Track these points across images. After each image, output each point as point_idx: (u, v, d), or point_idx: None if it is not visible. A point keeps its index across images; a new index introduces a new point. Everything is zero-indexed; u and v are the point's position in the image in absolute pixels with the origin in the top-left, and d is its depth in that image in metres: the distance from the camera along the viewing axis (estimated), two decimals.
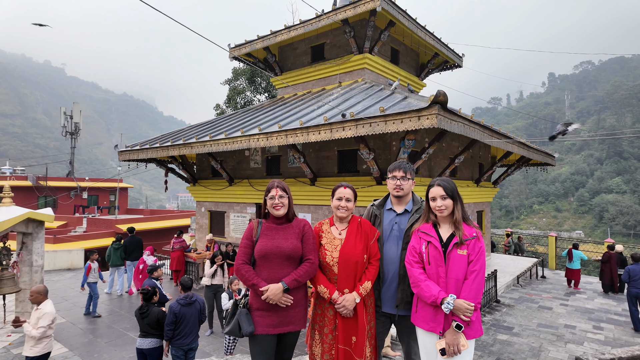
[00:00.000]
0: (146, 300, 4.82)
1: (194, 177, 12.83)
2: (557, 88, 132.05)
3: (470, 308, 2.15)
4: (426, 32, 11.48)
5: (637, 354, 4.26)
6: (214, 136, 9.52)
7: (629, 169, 73.53)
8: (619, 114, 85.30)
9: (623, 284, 11.06)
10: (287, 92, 12.90)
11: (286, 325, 2.58)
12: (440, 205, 2.33)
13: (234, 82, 21.75)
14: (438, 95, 5.95)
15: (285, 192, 2.70)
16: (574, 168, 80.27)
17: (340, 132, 7.11)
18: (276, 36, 11.63)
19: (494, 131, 8.07)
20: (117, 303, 9.46)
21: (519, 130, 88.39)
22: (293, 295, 2.59)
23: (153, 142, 11.62)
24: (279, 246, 2.58)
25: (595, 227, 65.41)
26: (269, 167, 10.83)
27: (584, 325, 7.86)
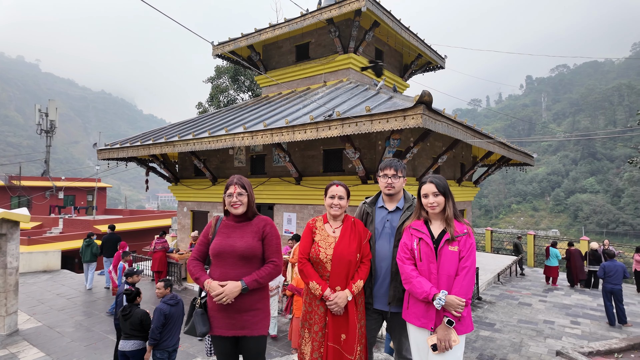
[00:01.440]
0: (129, 301, 4.71)
1: (176, 177, 12.61)
2: (534, 90, 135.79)
3: (461, 304, 2.17)
4: (410, 33, 11.61)
5: (614, 347, 4.41)
6: (197, 135, 9.37)
7: (602, 170, 76.26)
8: (592, 116, 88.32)
9: (598, 280, 11.48)
10: (271, 91, 12.82)
11: (240, 329, 2.47)
12: (432, 202, 2.35)
13: (216, 80, 21.49)
14: (423, 95, 6.02)
15: (245, 190, 2.59)
16: (550, 168, 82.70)
17: (327, 131, 7.11)
18: (260, 34, 11.54)
19: (476, 131, 8.22)
20: (97, 305, 9.21)
21: (498, 131, 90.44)
22: (248, 298, 2.47)
23: (134, 140, 11.36)
24: (232, 245, 2.49)
25: (571, 225, 67.57)
26: (254, 166, 10.74)
27: (562, 321, 8.09)
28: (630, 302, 9.87)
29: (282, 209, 9.99)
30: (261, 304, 2.55)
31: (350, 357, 2.46)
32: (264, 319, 2.56)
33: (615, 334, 7.16)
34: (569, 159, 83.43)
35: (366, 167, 8.18)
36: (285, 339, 6.85)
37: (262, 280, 2.46)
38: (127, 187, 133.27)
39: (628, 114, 78.96)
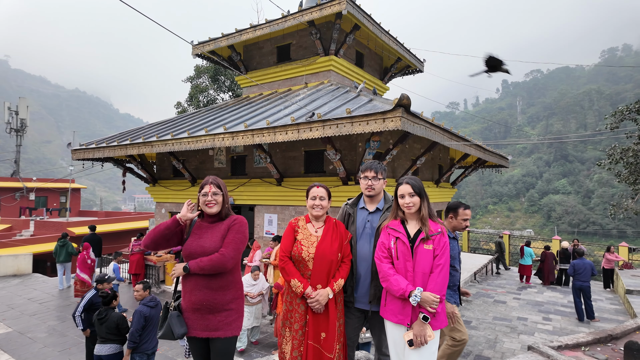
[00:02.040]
0: (105, 304, 4.62)
1: (154, 177, 12.39)
2: (510, 94, 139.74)
3: (436, 300, 2.25)
4: (389, 37, 11.79)
5: (582, 341, 4.62)
6: (176, 135, 9.25)
7: (574, 171, 79.16)
8: (564, 120, 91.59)
9: (568, 278, 11.94)
10: (252, 92, 12.77)
11: (213, 330, 2.47)
12: (409, 203, 2.43)
13: (196, 79, 21.21)
14: (402, 98, 6.14)
15: (220, 189, 2.60)
16: (525, 170, 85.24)
17: (308, 132, 7.15)
18: (241, 35, 11.49)
19: (453, 134, 8.43)
20: (71, 309, 8.95)
21: (475, 133, 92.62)
22: (221, 298, 2.49)
23: (110, 140, 11.11)
24: (202, 246, 2.49)
25: (544, 225, 69.84)
26: (234, 167, 10.67)
27: (535, 317, 8.38)
28: (598, 299, 10.31)
29: (263, 210, 9.97)
30: (234, 304, 2.54)
31: (330, 355, 2.51)
32: (237, 320, 2.55)
33: (584, 329, 7.47)
34: (542, 161, 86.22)
35: (347, 168, 8.27)
36: (266, 340, 6.85)
37: (204, 265, 2.40)
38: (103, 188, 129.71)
39: (597, 118, 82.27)
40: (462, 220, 3.35)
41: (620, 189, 54.48)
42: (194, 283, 2.48)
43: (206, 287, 2.46)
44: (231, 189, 10.22)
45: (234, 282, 2.57)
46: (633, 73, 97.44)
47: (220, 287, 2.49)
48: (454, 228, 3.41)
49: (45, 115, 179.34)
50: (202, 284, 2.47)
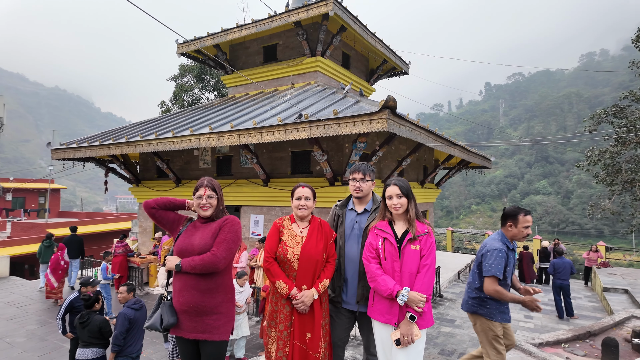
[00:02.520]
0: (87, 307, 4.51)
1: (137, 178, 12.18)
2: (492, 97, 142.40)
3: (422, 299, 2.29)
4: (376, 39, 11.88)
5: (562, 338, 4.75)
6: (161, 134, 9.12)
7: (554, 172, 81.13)
8: (545, 122, 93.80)
9: (548, 276, 12.24)
10: (238, 92, 12.69)
11: (201, 332, 2.43)
12: (396, 204, 2.47)
13: (180, 79, 20.94)
14: (388, 100, 6.20)
15: (215, 192, 2.61)
16: (507, 171, 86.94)
17: (295, 133, 7.15)
18: (227, 34, 11.40)
19: (437, 135, 8.55)
20: (51, 313, 8.72)
21: (459, 135, 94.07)
22: (210, 300, 2.45)
23: (92, 139, 10.88)
24: (191, 244, 2.49)
25: None
26: (220, 168, 10.58)
27: (516, 315, 8.55)
28: (577, 297, 10.59)
29: (249, 211, 9.91)
30: (224, 308, 2.50)
31: (315, 355, 2.52)
32: (226, 324, 2.51)
33: (563, 326, 7.67)
34: (524, 162, 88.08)
35: (334, 169, 8.29)
36: (252, 342, 6.81)
37: (195, 264, 2.37)
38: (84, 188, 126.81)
39: (577, 120, 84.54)
40: (523, 228, 3.11)
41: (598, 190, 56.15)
42: (182, 283, 2.44)
43: (194, 289, 2.41)
44: None
45: (223, 285, 2.53)
46: (610, 77, 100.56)
47: (209, 290, 2.44)
48: (513, 237, 3.16)
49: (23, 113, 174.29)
50: (190, 285, 2.42)
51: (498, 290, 2.99)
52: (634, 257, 20.01)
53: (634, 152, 15.43)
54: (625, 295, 9.30)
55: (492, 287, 3.01)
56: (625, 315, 5.71)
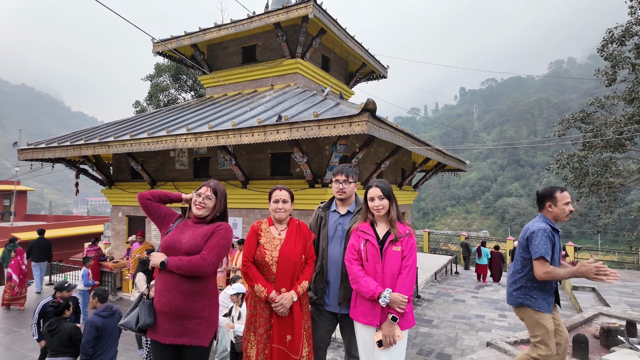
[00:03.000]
0: (57, 314, 4.32)
1: (110, 180, 11.80)
2: (467, 101, 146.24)
3: (404, 300, 2.30)
4: (355, 42, 11.98)
5: None
6: (135, 135, 8.87)
7: (525, 175, 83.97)
8: (517, 127, 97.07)
9: None
10: (216, 92, 12.51)
11: (179, 336, 2.32)
12: (378, 205, 2.48)
13: (156, 78, 20.46)
14: (368, 103, 6.25)
15: (215, 196, 2.56)
16: (481, 174, 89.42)
17: (274, 134, 7.09)
18: (205, 34, 11.23)
19: (415, 139, 8.68)
20: (17, 320, 8.31)
21: (435, 138, 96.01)
22: (192, 304, 2.36)
23: (62, 140, 10.47)
24: (179, 241, 2.42)
25: (499, 226, 73.48)
26: (197, 169, 10.38)
27: (492, 314, 8.77)
28: None
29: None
30: (206, 313, 2.40)
31: (296, 357, 2.50)
32: (208, 329, 2.40)
33: None
34: (497, 165, 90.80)
35: (314, 171, 8.28)
36: None
37: (181, 265, 2.28)
38: (53, 190, 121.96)
39: (546, 125, 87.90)
40: (564, 205, 2.93)
41: None
42: (164, 282, 2.34)
43: (176, 290, 2.31)
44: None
45: (207, 290, 2.44)
46: (577, 84, 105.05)
47: (191, 293, 2.34)
48: (556, 217, 3.00)
49: None
50: (171, 285, 2.32)
51: (549, 271, 2.79)
52: (600, 257, 20.90)
53: (600, 156, 16.16)
54: (593, 293, 9.69)
55: (543, 269, 2.80)
56: (593, 312, 5.93)
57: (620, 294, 9.28)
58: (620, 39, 14.57)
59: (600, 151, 15.74)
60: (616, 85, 15.87)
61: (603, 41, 15.08)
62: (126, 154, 9.87)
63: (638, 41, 14.30)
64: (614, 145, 15.12)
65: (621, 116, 15.04)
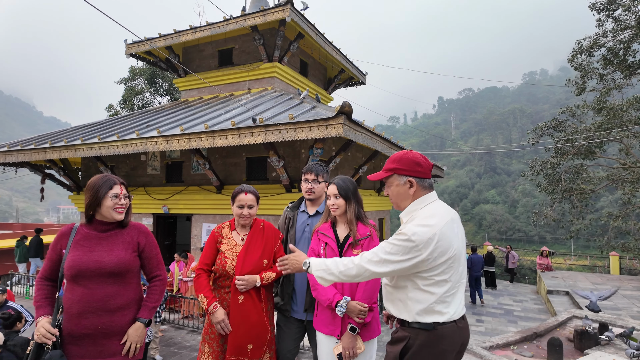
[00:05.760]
0: (7, 327, 3.98)
1: (78, 185, 11.30)
2: (445, 110, 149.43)
3: (364, 309, 2.12)
4: (333, 48, 11.96)
5: (510, 340, 4.84)
6: (104, 138, 8.52)
7: (501, 183, 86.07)
8: (493, 135, 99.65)
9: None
10: (191, 95, 12.23)
11: (109, 356, 2.02)
12: (333, 204, 2.31)
13: (131, 81, 19.94)
14: (344, 106, 6.16)
15: (127, 192, 2.19)
16: (459, 181, 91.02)
17: (249, 137, 6.92)
18: (180, 36, 10.99)
19: (392, 143, 8.67)
20: None
21: (414, 146, 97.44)
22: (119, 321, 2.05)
23: (26, 143, 9.97)
24: (98, 261, 2.01)
25: (476, 233, 74.79)
26: (169, 174, 10.05)
27: (469, 320, 8.73)
28: (524, 300, 11.07)
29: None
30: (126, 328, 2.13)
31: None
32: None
33: (512, 329, 7.92)
34: (474, 173, 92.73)
35: (290, 175, 8.12)
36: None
37: (157, 304, 2.20)
38: (22, 198, 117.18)
39: (521, 134, 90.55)
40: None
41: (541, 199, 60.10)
42: (83, 306, 1.98)
43: (102, 310, 2.00)
44: (166, 196, 9.60)
45: (135, 300, 2.15)
46: (549, 95, 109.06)
47: (120, 308, 2.06)
48: None
49: None
50: (96, 307, 1.99)
51: None
52: (573, 262, 21.43)
53: (572, 162, 16.63)
54: (567, 297, 9.84)
55: None
56: (567, 315, 5.97)
57: None
58: (588, 50, 15.11)
59: (572, 158, 16.20)
60: (585, 95, 16.42)
61: (573, 52, 15.60)
62: (95, 157, 9.48)
63: (605, 52, 14.86)
64: (584, 152, 15.59)
65: (590, 124, 15.55)
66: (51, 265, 2.08)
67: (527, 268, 25.35)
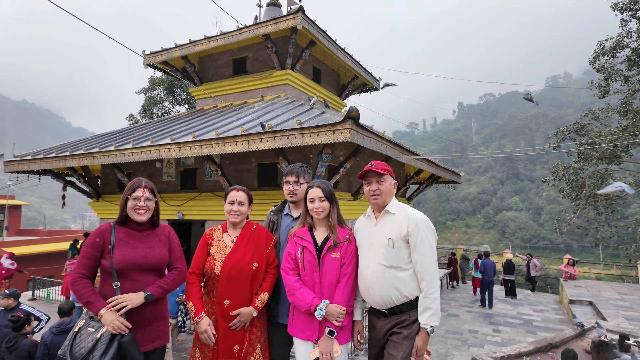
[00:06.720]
0: (15, 330, 4.09)
1: (98, 192, 11.63)
2: (465, 116, 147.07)
3: (341, 312, 2.12)
4: (345, 54, 11.97)
5: (523, 351, 4.64)
6: (120, 145, 8.75)
7: (524, 189, 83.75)
8: (515, 141, 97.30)
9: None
10: (207, 104, 12.45)
11: (150, 342, 2.24)
12: (318, 207, 2.31)
13: (150, 91, 20.50)
14: (351, 110, 6.13)
15: (154, 195, 2.40)
16: (481, 188, 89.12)
17: (258, 143, 6.96)
18: (195, 45, 11.23)
19: (404, 148, 8.55)
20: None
21: (433, 152, 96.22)
22: (160, 308, 2.32)
23: (48, 151, 10.34)
24: (145, 256, 2.25)
25: (499, 241, 72.81)
26: (184, 181, 10.22)
27: (485, 329, 8.48)
28: (544, 309, 10.66)
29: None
30: (166, 312, 2.42)
31: None
32: (167, 325, 2.43)
33: (529, 339, 7.62)
34: (496, 179, 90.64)
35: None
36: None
37: (168, 287, 2.29)
38: (50, 205, 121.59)
39: (544, 139, 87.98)
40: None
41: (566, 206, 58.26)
42: None
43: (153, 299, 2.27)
44: (181, 203, 9.76)
45: None
46: (573, 99, 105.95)
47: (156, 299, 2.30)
48: None
49: None
50: None
51: None
52: (599, 270, 20.55)
53: (596, 167, 16.03)
54: (590, 307, 9.41)
55: None
56: (589, 326, 5.69)
57: (618, 307, 9.00)
58: (611, 51, 14.61)
59: (596, 163, 15.62)
60: (609, 98, 15.86)
61: (594, 53, 15.13)
62: (112, 165, 9.74)
63: (630, 53, 14.34)
64: (609, 157, 15.01)
65: (615, 128, 14.97)
66: (90, 262, 2.23)
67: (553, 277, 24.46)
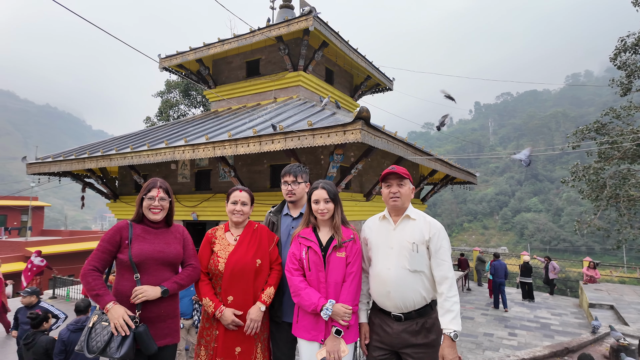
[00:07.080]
0: (34, 327, 4.21)
1: (115, 193, 11.90)
2: (482, 115, 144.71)
3: (348, 311, 2.12)
4: (358, 55, 11.95)
5: (538, 355, 4.53)
6: (136, 148, 8.93)
7: (544, 190, 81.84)
8: (534, 141, 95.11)
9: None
10: (221, 106, 12.61)
11: (162, 338, 2.30)
12: (323, 209, 2.32)
13: (166, 94, 20.88)
14: (361, 111, 6.11)
15: (168, 195, 2.48)
16: (498, 189, 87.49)
17: (270, 144, 7.01)
18: (209, 49, 11.39)
19: (416, 148, 8.48)
20: None
21: (449, 152, 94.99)
22: (173, 305, 2.38)
23: (68, 154, 10.65)
24: (162, 251, 2.34)
25: (518, 243, 71.32)
26: (198, 182, 10.37)
27: (501, 333, 8.32)
28: (563, 313, 10.39)
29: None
30: (178, 310, 2.48)
31: None
32: (178, 324, 2.47)
33: (546, 343, 7.44)
34: (514, 180, 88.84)
35: (312, 182, 8.13)
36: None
37: (183, 282, 2.34)
38: (72, 207, 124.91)
39: (564, 139, 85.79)
40: None
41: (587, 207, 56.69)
42: None
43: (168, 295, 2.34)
44: (195, 204, 9.90)
45: None
46: (594, 97, 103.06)
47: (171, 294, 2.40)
48: None
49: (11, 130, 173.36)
50: None
51: None
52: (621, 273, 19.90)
53: (617, 167, 15.54)
54: (611, 311, 9.13)
55: None
56: (606, 331, 5.52)
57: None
58: (633, 47, 14.16)
59: (618, 162, 15.15)
60: (632, 95, 15.36)
61: (615, 50, 14.69)
62: (129, 166, 9.95)
63: None
64: (631, 156, 14.54)
65: (639, 127, 14.49)
66: (105, 256, 2.29)
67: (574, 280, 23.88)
